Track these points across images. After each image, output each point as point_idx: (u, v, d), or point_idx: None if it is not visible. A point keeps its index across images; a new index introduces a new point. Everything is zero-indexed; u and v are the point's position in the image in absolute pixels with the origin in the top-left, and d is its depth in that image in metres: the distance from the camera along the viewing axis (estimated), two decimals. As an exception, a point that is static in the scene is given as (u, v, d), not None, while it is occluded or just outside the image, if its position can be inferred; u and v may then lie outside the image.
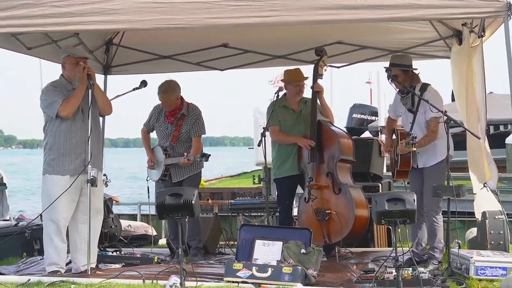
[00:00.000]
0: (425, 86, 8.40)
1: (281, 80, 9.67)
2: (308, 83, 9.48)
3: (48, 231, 8.15)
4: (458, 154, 8.78)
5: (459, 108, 8.85)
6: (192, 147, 9.44)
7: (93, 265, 8.23)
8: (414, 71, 8.53)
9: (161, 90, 9.42)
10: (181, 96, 9.50)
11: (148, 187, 9.90)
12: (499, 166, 9.28)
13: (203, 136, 9.63)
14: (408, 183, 8.90)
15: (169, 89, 9.39)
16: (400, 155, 8.45)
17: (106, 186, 9.47)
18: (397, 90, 8.59)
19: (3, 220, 10.72)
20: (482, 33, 8.08)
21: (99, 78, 9.01)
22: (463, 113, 8.68)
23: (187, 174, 9.49)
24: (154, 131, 9.78)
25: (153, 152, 9.72)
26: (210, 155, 9.29)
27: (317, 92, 9.37)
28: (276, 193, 9.91)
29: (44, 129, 8.34)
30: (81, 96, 8.16)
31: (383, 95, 20.77)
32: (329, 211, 8.99)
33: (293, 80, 9.49)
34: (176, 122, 9.49)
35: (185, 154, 9.22)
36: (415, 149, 8.08)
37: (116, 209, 11.31)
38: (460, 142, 9.08)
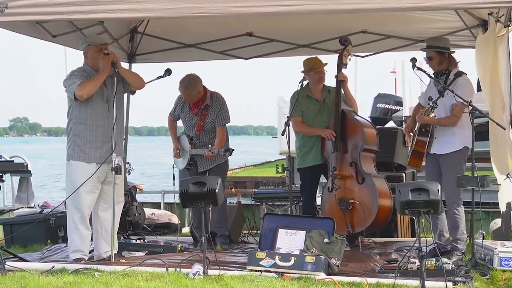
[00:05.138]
0: (460, 73, 8.36)
1: (302, 72, 9.64)
2: (331, 71, 9.48)
3: (73, 218, 8.19)
4: (483, 144, 8.72)
5: (485, 97, 8.79)
6: (216, 137, 9.44)
7: (115, 251, 8.26)
8: (451, 54, 8.48)
9: (182, 86, 9.41)
10: (204, 87, 9.49)
11: (174, 174, 9.91)
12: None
13: (227, 125, 9.63)
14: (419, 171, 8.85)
15: (189, 86, 9.37)
16: (418, 135, 8.40)
17: (129, 174, 9.51)
18: (433, 72, 8.53)
19: (28, 207, 10.80)
20: (508, 23, 8.01)
21: (123, 66, 9.01)
22: (488, 102, 8.62)
23: (213, 163, 9.49)
24: (180, 120, 9.80)
25: (179, 141, 9.73)
26: (233, 149, 9.28)
27: (342, 81, 9.36)
28: (300, 182, 9.90)
29: (68, 113, 8.37)
30: (101, 81, 8.16)
31: (408, 85, 20.64)
32: (353, 201, 8.98)
33: (311, 67, 9.49)
34: (201, 113, 9.49)
35: (209, 146, 9.19)
36: (433, 114, 8.05)
37: (140, 198, 11.33)
38: (482, 133, 9.02)
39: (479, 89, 10.24)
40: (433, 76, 8.49)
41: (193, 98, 9.44)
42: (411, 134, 8.72)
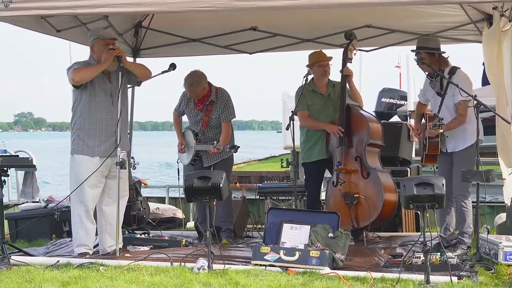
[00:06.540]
0: (454, 70, 8.33)
1: (306, 66, 9.62)
2: (336, 65, 9.46)
3: (78, 212, 8.20)
4: (488, 139, 8.70)
5: (493, 92, 8.76)
6: (222, 133, 9.44)
7: (120, 246, 8.28)
8: (442, 54, 8.45)
9: (187, 83, 9.40)
10: (209, 82, 9.48)
11: (178, 169, 9.91)
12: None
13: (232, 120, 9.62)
14: (436, 167, 8.85)
15: (194, 83, 9.36)
16: (429, 139, 8.40)
17: (134, 169, 9.51)
18: (426, 73, 8.53)
19: (33, 202, 10.80)
20: (513, 17, 7.99)
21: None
22: (495, 97, 8.60)
23: (219, 158, 9.48)
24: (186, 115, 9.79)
25: (184, 136, 9.72)
26: (239, 146, 9.27)
27: (347, 76, 9.35)
28: (304, 177, 9.90)
29: (72, 108, 8.38)
30: (98, 70, 8.17)
31: (413, 79, 20.70)
32: (357, 195, 8.97)
33: (316, 61, 9.47)
34: (206, 108, 9.48)
35: (215, 143, 9.20)
36: (441, 131, 8.01)
37: (144, 192, 11.34)
38: (490, 127, 9.00)
39: (485, 83, 10.20)
40: (429, 78, 8.48)
41: (198, 94, 9.43)
42: (420, 135, 8.70)
